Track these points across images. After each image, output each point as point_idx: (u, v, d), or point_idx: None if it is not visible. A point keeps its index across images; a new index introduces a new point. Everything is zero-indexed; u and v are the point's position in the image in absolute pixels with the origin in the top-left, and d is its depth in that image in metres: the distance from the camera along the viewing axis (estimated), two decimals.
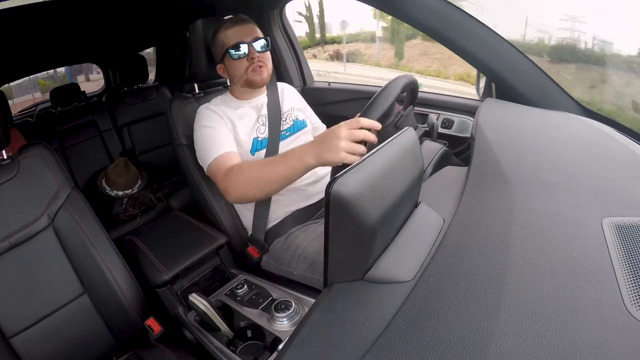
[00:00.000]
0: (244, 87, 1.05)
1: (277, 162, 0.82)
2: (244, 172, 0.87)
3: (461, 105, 1.32)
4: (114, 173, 1.72)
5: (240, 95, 1.08)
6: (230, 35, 1.00)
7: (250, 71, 1.00)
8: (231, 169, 0.91)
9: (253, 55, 1.00)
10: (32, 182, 0.83)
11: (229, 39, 1.00)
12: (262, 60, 1.01)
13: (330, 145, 0.71)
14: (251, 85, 1.03)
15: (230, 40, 1.00)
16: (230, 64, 1.02)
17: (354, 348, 0.39)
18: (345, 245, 0.47)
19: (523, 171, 0.66)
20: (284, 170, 0.79)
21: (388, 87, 0.80)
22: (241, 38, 1.00)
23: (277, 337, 0.74)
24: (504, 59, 0.99)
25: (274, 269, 1.00)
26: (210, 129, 0.98)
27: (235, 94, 1.08)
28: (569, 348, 0.36)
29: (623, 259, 0.46)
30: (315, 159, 0.74)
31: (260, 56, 1.01)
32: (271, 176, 0.82)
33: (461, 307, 0.41)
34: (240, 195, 0.89)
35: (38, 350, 0.78)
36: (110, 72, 2.51)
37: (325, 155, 0.72)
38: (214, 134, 0.97)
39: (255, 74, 1.01)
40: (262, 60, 1.02)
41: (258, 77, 1.01)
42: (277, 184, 0.84)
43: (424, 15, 0.99)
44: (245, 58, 1.00)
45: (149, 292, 0.91)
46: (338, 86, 1.69)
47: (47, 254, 0.82)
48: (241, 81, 1.03)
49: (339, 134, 0.70)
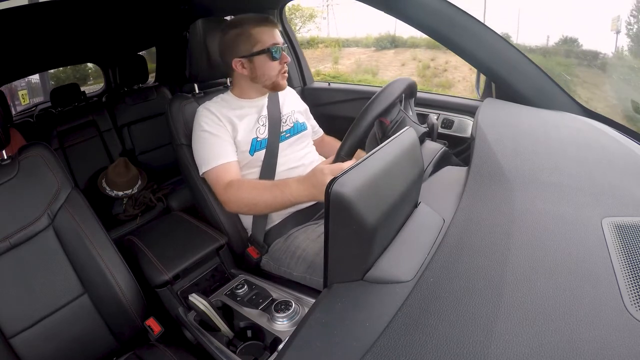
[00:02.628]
0: (266, 88, 1.06)
1: (274, 191, 0.90)
2: (242, 193, 0.94)
3: (461, 105, 1.32)
4: (114, 173, 1.72)
5: (245, 95, 1.07)
6: (269, 34, 1.00)
7: (281, 74, 1.03)
8: (230, 184, 0.95)
9: (286, 60, 1.03)
10: (32, 182, 0.83)
11: (267, 37, 1.00)
12: (287, 66, 1.05)
13: (321, 192, 0.77)
14: (276, 88, 1.06)
15: (269, 39, 1.00)
16: (264, 64, 1.01)
17: (354, 348, 0.39)
18: (345, 246, 0.47)
19: (523, 171, 0.66)
20: (280, 203, 0.90)
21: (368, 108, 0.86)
22: (277, 39, 1.01)
23: (277, 337, 0.74)
24: (504, 59, 0.99)
25: (273, 269, 1.00)
26: (210, 135, 0.98)
27: (239, 93, 1.08)
28: (569, 348, 0.36)
29: (623, 259, 0.46)
30: (309, 200, 0.89)
31: (288, 61, 1.04)
32: (268, 204, 0.92)
33: (461, 307, 0.41)
34: (237, 210, 0.99)
35: (38, 351, 0.78)
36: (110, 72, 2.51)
37: (319, 199, 0.84)
38: (214, 141, 0.98)
39: (283, 79, 1.04)
40: (287, 66, 1.05)
41: (284, 82, 1.06)
42: (272, 210, 0.96)
43: (423, 16, 0.99)
44: (278, 61, 1.02)
45: (149, 292, 0.91)
46: (338, 86, 1.69)
47: (47, 254, 0.82)
48: (269, 82, 1.03)
49: (326, 181, 0.72)
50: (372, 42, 8.31)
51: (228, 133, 1.00)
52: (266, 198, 0.90)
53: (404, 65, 7.63)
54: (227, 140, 0.99)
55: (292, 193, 0.87)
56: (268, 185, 0.93)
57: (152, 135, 2.07)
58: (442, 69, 7.15)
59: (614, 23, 3.52)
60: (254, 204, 0.93)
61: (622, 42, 3.52)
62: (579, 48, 5.00)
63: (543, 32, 5.62)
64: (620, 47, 3.61)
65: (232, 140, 1.00)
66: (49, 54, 1.79)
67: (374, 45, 8.24)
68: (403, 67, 7.57)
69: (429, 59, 7.39)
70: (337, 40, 8.62)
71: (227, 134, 1.00)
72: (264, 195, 0.91)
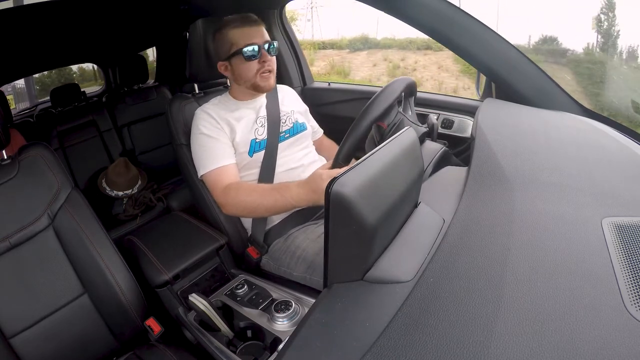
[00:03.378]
0: (249, 90, 1.04)
1: (274, 195, 0.89)
2: (241, 196, 0.94)
3: (461, 105, 1.32)
4: (114, 173, 1.72)
5: (240, 96, 1.08)
6: (242, 34, 0.98)
7: (260, 75, 1.00)
8: (229, 187, 0.95)
9: (265, 59, 1.00)
10: (32, 182, 0.83)
11: (240, 38, 0.98)
12: (271, 65, 1.01)
13: (320, 196, 0.79)
14: (257, 90, 1.04)
15: (242, 39, 0.98)
16: (240, 65, 1.00)
17: (354, 348, 0.39)
18: (345, 246, 0.47)
19: (523, 171, 0.66)
20: (281, 206, 0.90)
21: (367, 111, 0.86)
22: (253, 39, 0.98)
23: (277, 337, 0.74)
24: (504, 59, 0.99)
25: (273, 269, 1.00)
26: (208, 138, 0.99)
27: (235, 95, 1.08)
28: (569, 348, 0.36)
29: (623, 259, 0.46)
30: (308, 204, 0.87)
31: (270, 60, 1.01)
32: (267, 207, 0.91)
33: (461, 307, 0.41)
34: (236, 213, 0.99)
35: (38, 351, 0.78)
36: (110, 72, 2.51)
37: (319, 203, 0.82)
38: (212, 144, 0.98)
39: (263, 80, 1.01)
40: (271, 65, 1.02)
41: (266, 83, 1.02)
42: (271, 214, 0.96)
43: (423, 16, 0.99)
44: (256, 60, 0.99)
45: (149, 292, 0.91)
46: (338, 86, 1.69)
47: (47, 254, 0.82)
48: (248, 84, 1.02)
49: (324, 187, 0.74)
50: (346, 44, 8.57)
51: (226, 135, 1.00)
52: (266, 202, 0.90)
53: (375, 65, 7.91)
54: (225, 142, 1.00)
55: (292, 196, 0.86)
56: (268, 189, 0.92)
57: (152, 135, 2.07)
58: (411, 69, 7.45)
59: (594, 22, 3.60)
60: (254, 208, 0.93)
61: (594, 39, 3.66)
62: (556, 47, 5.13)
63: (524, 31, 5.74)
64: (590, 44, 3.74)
65: (230, 142, 1.00)
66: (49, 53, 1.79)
67: (347, 47, 8.50)
68: (374, 68, 7.85)
69: (400, 60, 7.71)
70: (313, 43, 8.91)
71: (225, 136, 1.00)
72: (264, 199, 0.91)
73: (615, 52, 3.43)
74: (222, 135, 0.99)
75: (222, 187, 0.96)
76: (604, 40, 3.64)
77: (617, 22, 3.49)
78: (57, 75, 3.52)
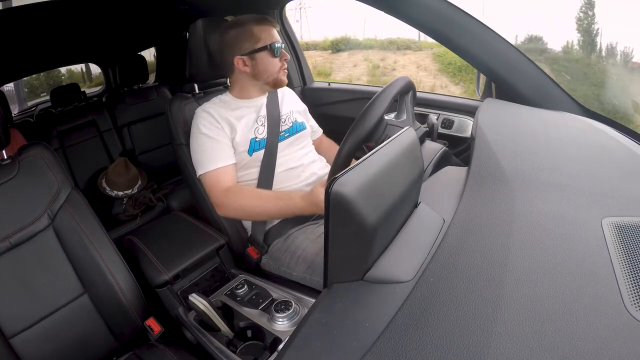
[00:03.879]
0: (266, 85, 1.07)
1: (278, 204, 0.93)
2: (243, 200, 0.96)
3: (461, 105, 1.32)
4: (114, 173, 1.72)
5: (242, 95, 1.08)
6: (269, 32, 1.03)
7: (282, 71, 1.06)
8: (229, 189, 0.97)
9: (285, 57, 1.05)
10: (32, 182, 0.83)
11: (267, 35, 1.02)
12: (286, 63, 1.07)
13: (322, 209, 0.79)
14: (277, 85, 1.08)
15: (269, 37, 1.02)
16: (266, 60, 1.02)
17: (354, 348, 0.39)
18: (345, 246, 0.47)
19: (523, 171, 0.66)
20: (283, 215, 0.96)
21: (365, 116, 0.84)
22: (277, 39, 1.04)
23: (277, 337, 0.74)
24: (504, 59, 0.99)
25: (273, 269, 1.00)
26: (207, 138, 0.99)
27: (236, 94, 1.08)
28: (569, 348, 0.36)
29: (623, 259, 0.46)
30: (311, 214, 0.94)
31: (287, 58, 1.07)
32: (269, 212, 0.96)
33: (461, 307, 0.41)
34: (232, 215, 1.01)
35: (38, 351, 0.78)
36: (110, 72, 2.51)
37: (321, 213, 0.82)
38: (211, 144, 0.99)
39: (284, 75, 1.07)
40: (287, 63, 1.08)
41: (285, 79, 1.08)
42: (270, 218, 1.01)
43: (423, 16, 0.99)
44: (279, 58, 1.04)
45: (149, 292, 0.91)
46: (338, 86, 1.69)
47: (47, 254, 0.82)
48: (270, 78, 1.05)
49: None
50: (328, 45, 8.72)
51: (226, 135, 1.00)
52: (269, 208, 0.94)
53: (356, 65, 8.08)
54: (225, 142, 1.00)
55: (296, 206, 0.90)
56: (272, 197, 0.96)
57: (152, 135, 2.06)
58: (390, 69, 7.60)
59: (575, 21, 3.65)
60: (257, 213, 0.97)
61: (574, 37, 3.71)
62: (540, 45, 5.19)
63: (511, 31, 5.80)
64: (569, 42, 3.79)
65: (230, 142, 1.00)
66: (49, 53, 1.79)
67: (330, 48, 8.67)
68: (355, 68, 8.03)
69: (379, 60, 7.87)
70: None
71: (225, 136, 1.00)
72: (267, 206, 0.94)
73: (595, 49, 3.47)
74: (222, 135, 0.99)
75: (221, 188, 0.97)
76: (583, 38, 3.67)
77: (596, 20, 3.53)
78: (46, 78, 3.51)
